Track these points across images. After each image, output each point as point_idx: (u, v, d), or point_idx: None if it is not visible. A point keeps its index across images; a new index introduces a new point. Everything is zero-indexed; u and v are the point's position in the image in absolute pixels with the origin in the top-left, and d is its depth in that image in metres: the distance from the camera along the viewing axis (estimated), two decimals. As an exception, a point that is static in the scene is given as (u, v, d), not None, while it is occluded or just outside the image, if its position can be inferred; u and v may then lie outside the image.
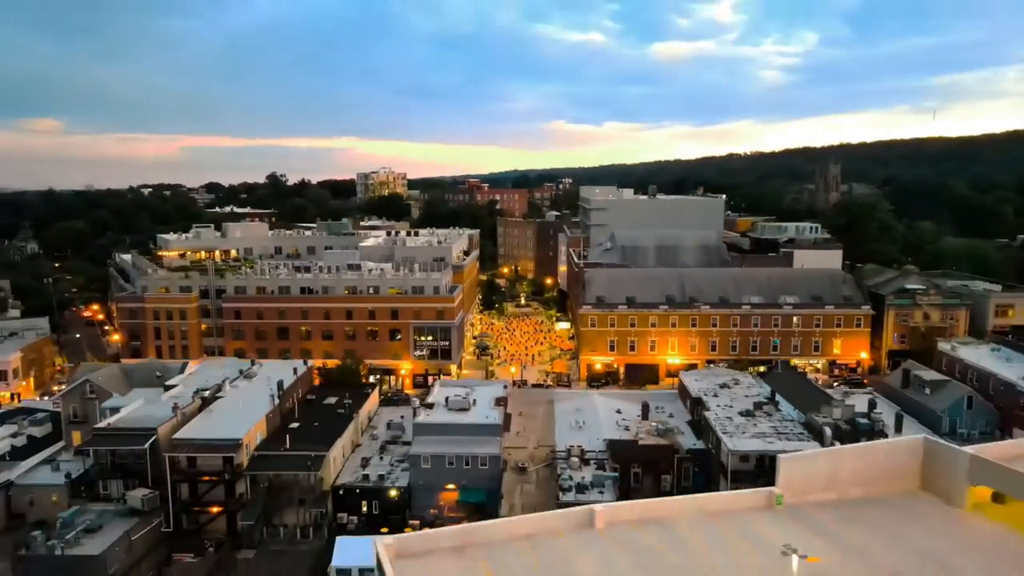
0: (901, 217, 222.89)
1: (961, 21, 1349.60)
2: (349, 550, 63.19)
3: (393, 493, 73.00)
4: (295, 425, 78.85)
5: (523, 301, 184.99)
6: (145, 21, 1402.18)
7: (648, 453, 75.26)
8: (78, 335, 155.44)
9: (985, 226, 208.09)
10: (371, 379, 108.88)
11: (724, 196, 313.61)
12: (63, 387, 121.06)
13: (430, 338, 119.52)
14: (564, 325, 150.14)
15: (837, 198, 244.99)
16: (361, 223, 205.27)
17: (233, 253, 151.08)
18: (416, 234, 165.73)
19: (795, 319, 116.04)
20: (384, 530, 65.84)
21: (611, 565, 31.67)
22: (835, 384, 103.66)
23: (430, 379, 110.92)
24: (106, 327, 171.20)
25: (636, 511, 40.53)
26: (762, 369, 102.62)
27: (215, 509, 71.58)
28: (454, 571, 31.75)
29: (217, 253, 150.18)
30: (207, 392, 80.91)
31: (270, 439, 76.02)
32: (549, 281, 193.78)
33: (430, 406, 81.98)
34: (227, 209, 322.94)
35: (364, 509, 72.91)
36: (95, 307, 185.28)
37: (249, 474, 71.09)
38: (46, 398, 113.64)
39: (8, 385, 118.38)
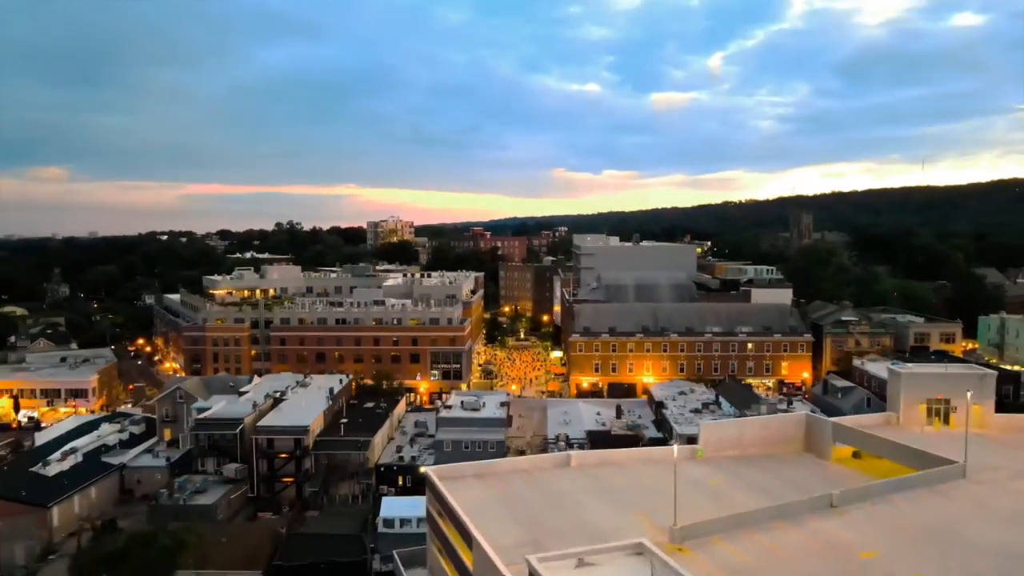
0: (862, 261, 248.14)
1: (949, 73, 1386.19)
2: (392, 507, 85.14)
3: (422, 470, 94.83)
4: (344, 420, 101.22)
5: (522, 336, 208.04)
6: (149, 72, 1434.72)
7: (618, 441, 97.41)
8: (140, 362, 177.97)
9: (937, 270, 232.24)
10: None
11: (708, 243, 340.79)
12: (128, 404, 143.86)
13: (444, 362, 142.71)
14: (557, 353, 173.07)
15: (809, 244, 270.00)
16: (376, 267, 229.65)
17: (271, 292, 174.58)
18: (429, 276, 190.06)
19: (749, 345, 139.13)
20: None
21: (578, 485, 55.76)
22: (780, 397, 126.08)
23: (443, 396, 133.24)
24: (155, 357, 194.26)
25: (599, 457, 65.14)
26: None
27: (288, 480, 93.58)
28: (477, 488, 54.97)
29: (258, 292, 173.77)
30: (276, 394, 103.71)
31: (327, 429, 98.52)
32: (546, 318, 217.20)
33: (449, 407, 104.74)
34: (248, 255, 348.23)
35: (400, 482, 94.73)
36: (141, 340, 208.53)
37: (313, 453, 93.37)
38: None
39: (88, 401, 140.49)
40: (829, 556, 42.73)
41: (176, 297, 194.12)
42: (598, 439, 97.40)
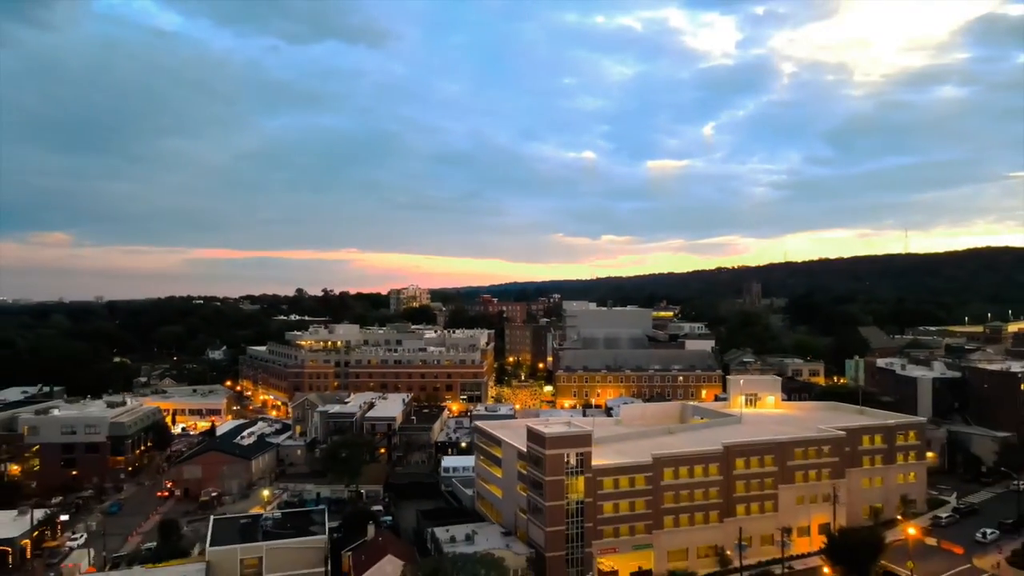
0: (794, 321, 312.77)
1: (938, 142, 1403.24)
2: (449, 461, 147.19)
3: (464, 445, 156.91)
4: (414, 417, 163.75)
5: (523, 378, 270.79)
6: (154, 141, 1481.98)
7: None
8: (248, 394, 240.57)
9: (846, 328, 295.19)
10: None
11: (678, 307, 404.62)
12: (245, 419, 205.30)
13: (469, 390, 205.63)
14: (549, 388, 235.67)
15: (742, 308, 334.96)
16: (411, 327, 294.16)
17: (339, 343, 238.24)
18: (455, 332, 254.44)
19: (679, 378, 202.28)
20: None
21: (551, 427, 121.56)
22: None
23: (470, 409, 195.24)
24: (246, 394, 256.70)
25: (564, 420, 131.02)
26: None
27: (382, 450, 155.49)
28: (501, 430, 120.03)
29: (328, 343, 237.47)
30: (371, 400, 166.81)
31: (404, 421, 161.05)
32: (541, 365, 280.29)
33: (478, 410, 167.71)
34: (292, 317, 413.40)
35: (449, 452, 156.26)
36: (229, 382, 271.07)
37: (398, 434, 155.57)
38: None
39: (221, 417, 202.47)
40: (658, 446, 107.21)
41: (260, 348, 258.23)
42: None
